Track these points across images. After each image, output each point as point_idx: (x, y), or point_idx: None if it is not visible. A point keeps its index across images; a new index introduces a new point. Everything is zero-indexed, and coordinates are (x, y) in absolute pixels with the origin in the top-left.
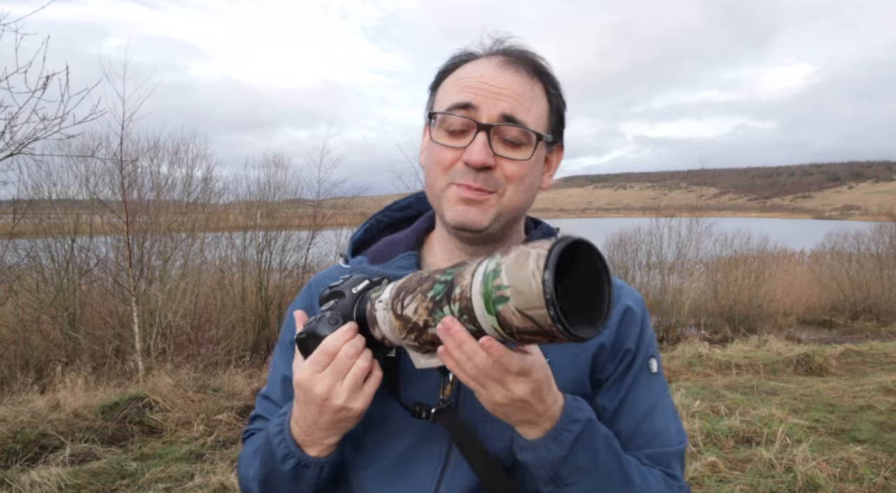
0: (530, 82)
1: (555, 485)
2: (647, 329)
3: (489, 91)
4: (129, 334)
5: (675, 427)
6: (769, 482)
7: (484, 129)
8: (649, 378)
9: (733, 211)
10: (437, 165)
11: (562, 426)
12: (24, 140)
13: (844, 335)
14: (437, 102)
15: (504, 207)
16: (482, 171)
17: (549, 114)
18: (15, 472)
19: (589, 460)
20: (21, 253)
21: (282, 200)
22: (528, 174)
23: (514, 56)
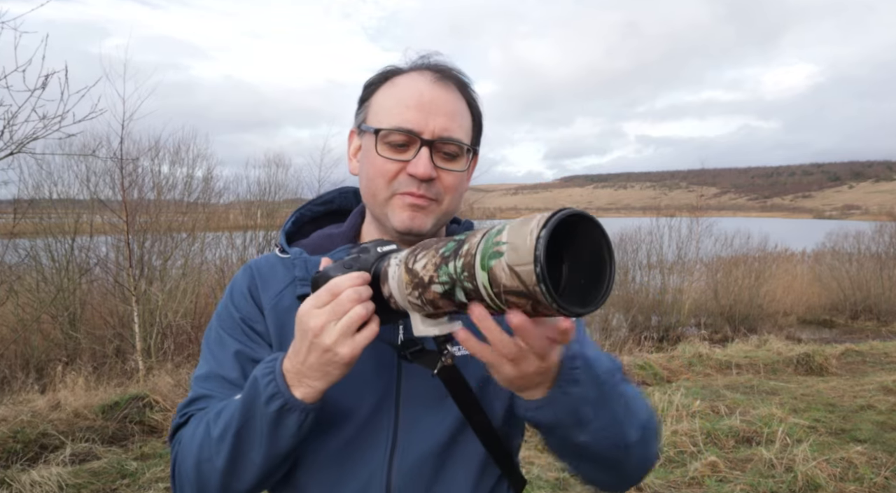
0: (458, 98)
1: (577, 427)
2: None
3: (428, 109)
4: (129, 333)
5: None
6: (769, 481)
7: (426, 144)
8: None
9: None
10: (380, 176)
11: (566, 375)
12: (24, 139)
13: (845, 335)
14: (372, 113)
15: (442, 214)
16: (425, 181)
17: (473, 125)
18: (15, 472)
19: (598, 394)
20: (21, 253)
21: (282, 199)
22: (462, 183)
23: (442, 73)
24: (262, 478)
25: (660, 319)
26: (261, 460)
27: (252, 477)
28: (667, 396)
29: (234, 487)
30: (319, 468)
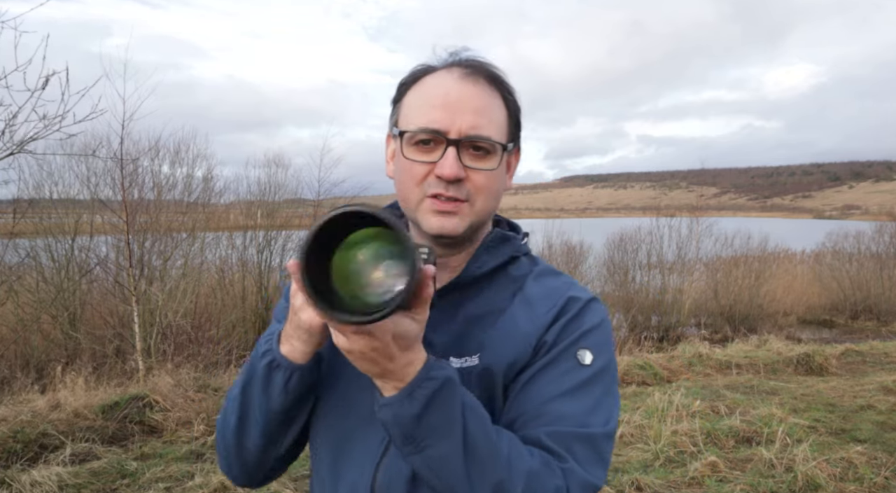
0: (489, 93)
1: (411, 445)
2: (579, 323)
3: (455, 107)
4: (129, 333)
5: (595, 414)
6: (769, 481)
7: (453, 143)
8: (572, 367)
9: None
10: (410, 179)
11: (417, 383)
12: (25, 139)
13: (845, 335)
14: (402, 116)
15: (476, 215)
16: (453, 183)
17: (508, 120)
18: (15, 472)
19: (445, 421)
20: (21, 253)
21: (282, 199)
22: (495, 182)
23: (471, 68)
24: (265, 438)
25: (660, 319)
26: (261, 417)
27: (257, 435)
28: (667, 396)
29: (245, 444)
30: (327, 454)
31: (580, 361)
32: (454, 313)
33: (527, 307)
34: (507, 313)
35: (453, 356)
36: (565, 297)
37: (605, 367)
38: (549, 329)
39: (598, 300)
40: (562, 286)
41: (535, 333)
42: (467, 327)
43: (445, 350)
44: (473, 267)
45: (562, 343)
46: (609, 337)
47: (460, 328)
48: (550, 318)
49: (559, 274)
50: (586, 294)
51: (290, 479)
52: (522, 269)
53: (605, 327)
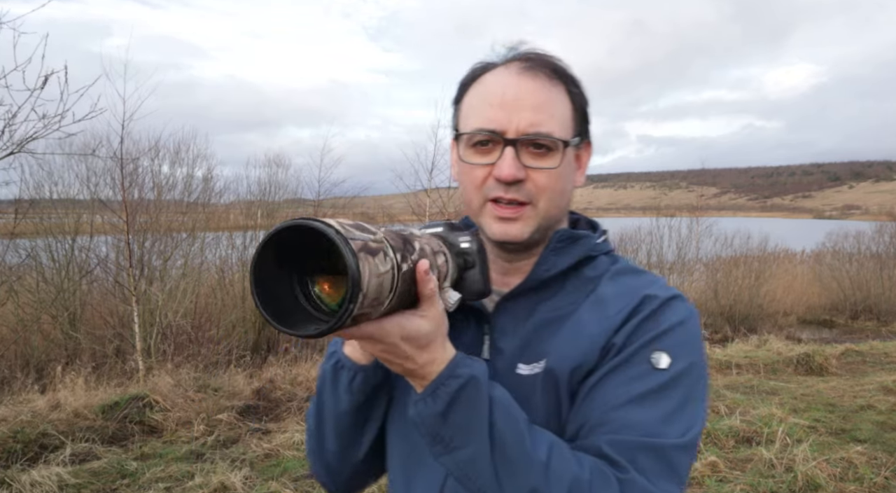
0: (550, 86)
1: (441, 445)
2: (655, 323)
3: (512, 105)
4: (129, 333)
5: (670, 424)
6: (769, 481)
7: (510, 143)
8: (644, 372)
9: (733, 211)
10: (470, 183)
11: (440, 381)
12: (24, 139)
13: (845, 335)
14: (462, 116)
15: (542, 218)
16: (513, 184)
17: (574, 114)
18: (15, 472)
19: (471, 420)
20: (22, 253)
21: (282, 199)
22: (559, 181)
23: (531, 61)
24: (340, 440)
25: None
26: (332, 418)
27: (332, 437)
28: None
29: (324, 445)
30: (396, 468)
31: (654, 364)
32: (524, 318)
33: (597, 308)
34: (575, 315)
35: (521, 363)
36: (640, 295)
37: (685, 371)
38: (618, 331)
39: (680, 298)
40: (639, 285)
41: (604, 335)
42: (536, 332)
43: (513, 357)
44: (540, 270)
45: (633, 345)
46: (693, 339)
47: (529, 334)
48: (621, 318)
49: (641, 273)
50: (667, 292)
51: (291, 479)
52: (599, 269)
53: (688, 327)
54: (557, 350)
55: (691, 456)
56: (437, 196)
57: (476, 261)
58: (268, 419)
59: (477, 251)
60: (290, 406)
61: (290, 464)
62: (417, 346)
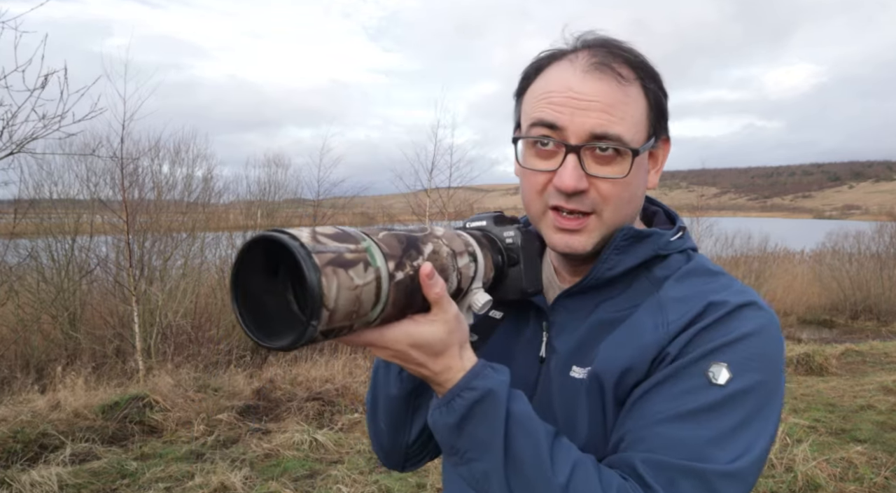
0: (622, 85)
1: (456, 456)
2: (718, 332)
3: (576, 106)
4: (129, 333)
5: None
6: (769, 481)
7: (573, 150)
8: (698, 386)
9: (734, 211)
10: (530, 189)
11: (456, 392)
12: (24, 139)
13: (845, 335)
14: (523, 113)
15: (607, 228)
16: (575, 194)
17: (649, 112)
18: (15, 472)
19: (486, 435)
20: (22, 253)
21: (282, 199)
22: (626, 190)
23: (601, 54)
24: (391, 423)
25: None
26: (384, 401)
27: (384, 419)
28: None
29: (378, 424)
30: (447, 473)
31: (711, 379)
32: (583, 317)
33: (656, 312)
34: (633, 317)
35: (576, 365)
36: (705, 301)
37: (748, 389)
38: (675, 339)
39: (755, 307)
40: (708, 289)
41: (658, 342)
42: (592, 333)
43: (568, 358)
44: (602, 269)
45: (688, 356)
46: (765, 353)
47: (585, 334)
48: (680, 326)
49: (714, 274)
50: (740, 298)
51: (291, 479)
52: (670, 268)
53: (760, 339)
54: (605, 354)
55: (742, 488)
56: (437, 196)
57: (520, 257)
58: (268, 419)
59: (521, 247)
60: (290, 406)
61: (290, 464)
62: (430, 353)
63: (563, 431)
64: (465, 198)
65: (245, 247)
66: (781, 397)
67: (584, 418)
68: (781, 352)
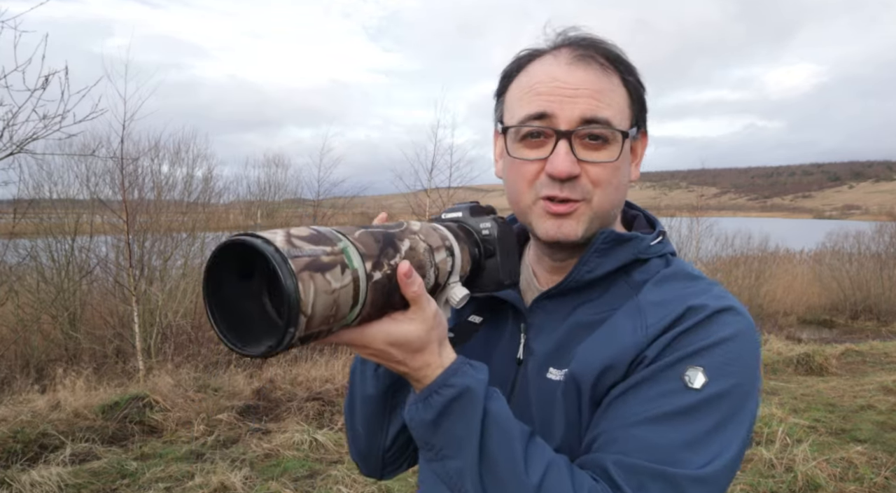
0: (605, 75)
1: (431, 452)
2: (696, 336)
3: (564, 94)
4: (129, 333)
5: (694, 451)
6: (769, 481)
7: (564, 136)
8: (673, 389)
9: (733, 211)
10: (520, 179)
11: (433, 389)
12: (24, 139)
13: (845, 335)
14: (507, 110)
15: (596, 214)
16: (567, 181)
17: (630, 103)
18: (15, 472)
19: (461, 432)
20: (21, 253)
21: (282, 199)
22: (616, 175)
23: (583, 48)
24: (367, 424)
25: None
26: (361, 402)
27: (361, 421)
28: None
29: (355, 428)
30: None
31: (687, 383)
32: (561, 319)
33: (634, 316)
34: (609, 321)
35: (553, 367)
36: (684, 305)
37: (723, 393)
38: (653, 342)
39: (733, 311)
40: (688, 293)
41: (637, 345)
42: (570, 335)
43: (545, 360)
44: (582, 271)
45: (665, 359)
46: (742, 357)
47: (563, 336)
48: (658, 329)
49: (694, 279)
50: (719, 302)
51: (291, 479)
52: (649, 273)
53: (738, 344)
54: (582, 356)
55: (713, 492)
56: (436, 196)
57: (496, 248)
58: (268, 419)
59: (498, 238)
60: (290, 406)
61: (290, 464)
62: (409, 350)
63: (540, 432)
64: (465, 198)
65: (217, 251)
66: (756, 402)
67: (561, 419)
68: (758, 357)
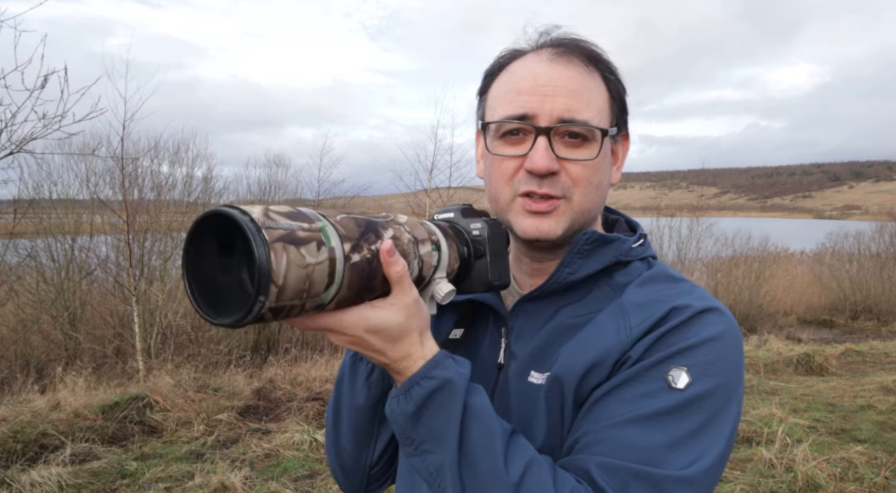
0: (586, 73)
1: (411, 446)
2: (679, 336)
3: (544, 93)
4: (129, 333)
5: (676, 452)
6: (769, 481)
7: (543, 132)
8: (656, 389)
9: (733, 211)
10: (499, 176)
11: (414, 381)
12: (24, 139)
13: (844, 335)
14: (488, 108)
15: (576, 213)
16: (546, 177)
17: (611, 103)
18: (15, 472)
19: (442, 427)
20: (21, 253)
21: (282, 199)
22: (596, 174)
23: (564, 47)
24: (355, 437)
25: None
26: (348, 413)
27: (348, 434)
28: None
29: (341, 442)
30: (403, 474)
31: (670, 383)
32: (542, 322)
33: (617, 317)
34: (593, 322)
35: (535, 370)
36: (668, 306)
37: (706, 394)
38: (637, 343)
39: (716, 312)
40: (670, 294)
41: (619, 346)
42: (552, 338)
43: (527, 363)
44: (564, 273)
45: (648, 359)
46: (725, 358)
47: (544, 339)
48: (642, 330)
49: (676, 281)
50: (702, 303)
51: (291, 479)
52: (631, 275)
53: (721, 344)
54: (565, 358)
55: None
56: (436, 196)
57: (486, 249)
58: (268, 419)
59: (488, 239)
60: (290, 406)
61: (290, 464)
62: (388, 339)
63: None
64: (465, 198)
65: (197, 223)
66: (740, 403)
67: (542, 423)
68: (741, 357)
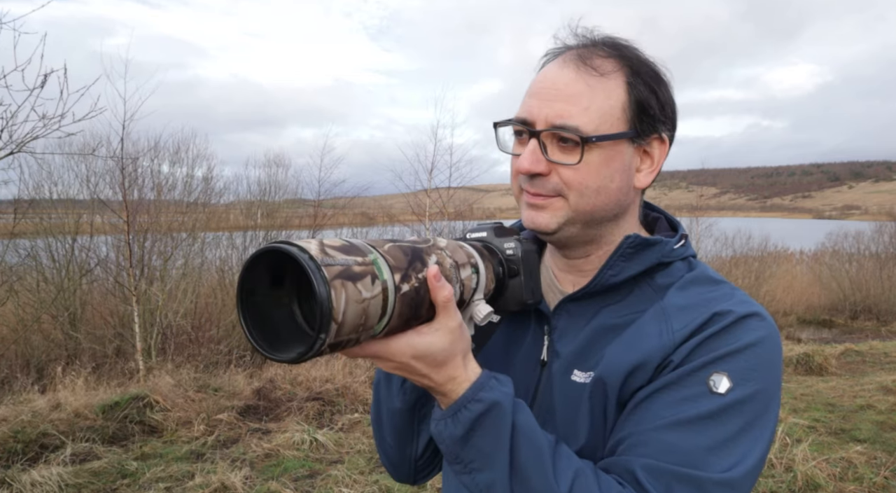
0: (596, 77)
1: (460, 465)
2: (721, 342)
3: (544, 97)
4: (129, 333)
5: (717, 455)
6: (769, 481)
7: (534, 135)
8: (698, 394)
9: (733, 211)
10: (512, 173)
11: (462, 404)
12: (24, 138)
13: (844, 335)
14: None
15: (574, 212)
16: (535, 177)
17: (627, 106)
18: (16, 471)
19: (491, 447)
20: (22, 253)
21: (282, 199)
22: (592, 178)
23: (587, 48)
24: (397, 436)
25: None
26: (387, 415)
27: (389, 432)
28: None
29: (384, 438)
30: (447, 478)
31: (711, 387)
32: (585, 321)
33: (660, 320)
34: (636, 324)
35: (577, 370)
36: (711, 311)
37: (747, 398)
38: (679, 347)
39: (757, 317)
40: (712, 298)
41: (662, 349)
42: (595, 337)
43: (570, 362)
44: (607, 275)
45: (690, 364)
46: (766, 363)
47: (587, 339)
48: (685, 335)
49: (717, 283)
50: (744, 308)
51: (291, 479)
52: (673, 276)
53: (762, 350)
54: (609, 359)
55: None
56: (437, 196)
57: (520, 268)
58: (268, 419)
59: (521, 258)
60: (290, 406)
61: (290, 464)
62: (432, 364)
63: (564, 433)
64: (464, 198)
65: (253, 258)
66: (778, 407)
67: (586, 422)
68: (780, 362)
